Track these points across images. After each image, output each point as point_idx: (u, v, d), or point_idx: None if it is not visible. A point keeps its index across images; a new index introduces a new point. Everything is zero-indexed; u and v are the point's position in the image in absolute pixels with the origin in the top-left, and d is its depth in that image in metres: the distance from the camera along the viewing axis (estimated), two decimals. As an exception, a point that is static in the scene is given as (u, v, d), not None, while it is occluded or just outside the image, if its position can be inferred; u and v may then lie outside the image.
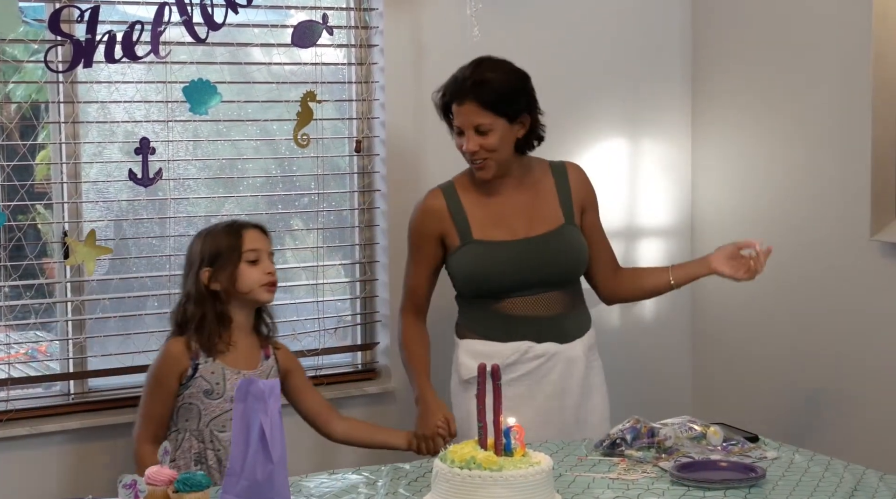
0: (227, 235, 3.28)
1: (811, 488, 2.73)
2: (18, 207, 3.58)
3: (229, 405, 3.15)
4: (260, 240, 3.31)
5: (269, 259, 3.32)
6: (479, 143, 3.33)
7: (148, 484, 2.51)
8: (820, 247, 4.09)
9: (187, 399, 3.21)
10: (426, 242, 3.47)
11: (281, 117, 3.95)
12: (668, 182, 4.61)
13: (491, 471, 2.49)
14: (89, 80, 3.67)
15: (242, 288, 3.25)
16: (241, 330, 3.29)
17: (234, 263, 3.25)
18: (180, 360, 3.22)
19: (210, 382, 3.21)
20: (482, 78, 3.34)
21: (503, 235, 3.41)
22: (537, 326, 3.39)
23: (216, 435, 3.21)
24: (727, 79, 4.45)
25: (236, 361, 3.25)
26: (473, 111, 3.33)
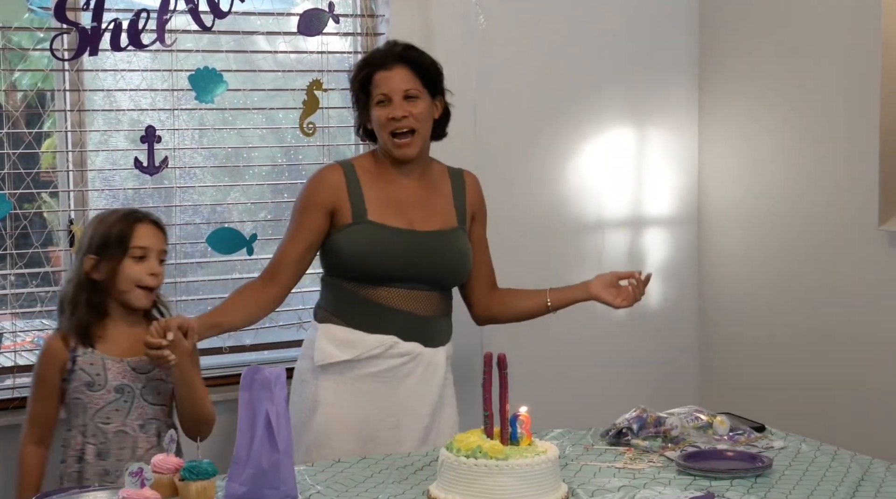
0: (120, 224, 3.10)
1: (818, 478, 2.73)
2: (24, 196, 3.58)
3: (113, 396, 3.07)
4: (152, 237, 3.13)
5: (157, 259, 3.13)
6: (408, 109, 3.24)
7: (154, 472, 2.51)
8: (828, 236, 4.08)
9: (73, 394, 3.08)
10: (314, 212, 3.27)
11: (287, 106, 3.94)
12: (674, 172, 4.60)
13: (497, 460, 2.49)
14: (95, 68, 3.67)
15: (120, 285, 3.08)
16: (122, 320, 3.13)
17: (119, 256, 3.08)
18: (58, 354, 3.09)
19: (90, 373, 3.07)
20: (410, 46, 3.33)
21: (398, 222, 3.27)
22: (406, 322, 3.27)
23: (100, 427, 3.07)
24: (734, 68, 4.44)
25: (118, 349, 3.11)
26: (403, 76, 3.25)
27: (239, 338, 3.87)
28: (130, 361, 3.11)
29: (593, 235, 4.46)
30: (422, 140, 3.30)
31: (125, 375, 3.09)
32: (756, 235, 4.39)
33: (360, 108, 3.35)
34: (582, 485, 2.68)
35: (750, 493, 2.62)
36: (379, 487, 2.71)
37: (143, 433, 3.08)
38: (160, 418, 3.14)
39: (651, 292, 4.53)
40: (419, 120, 3.26)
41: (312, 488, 2.69)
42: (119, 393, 3.08)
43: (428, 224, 3.31)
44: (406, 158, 3.30)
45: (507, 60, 4.20)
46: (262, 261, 3.96)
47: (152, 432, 3.11)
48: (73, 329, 3.10)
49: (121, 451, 3.06)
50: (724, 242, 4.54)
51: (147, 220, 3.15)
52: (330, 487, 2.71)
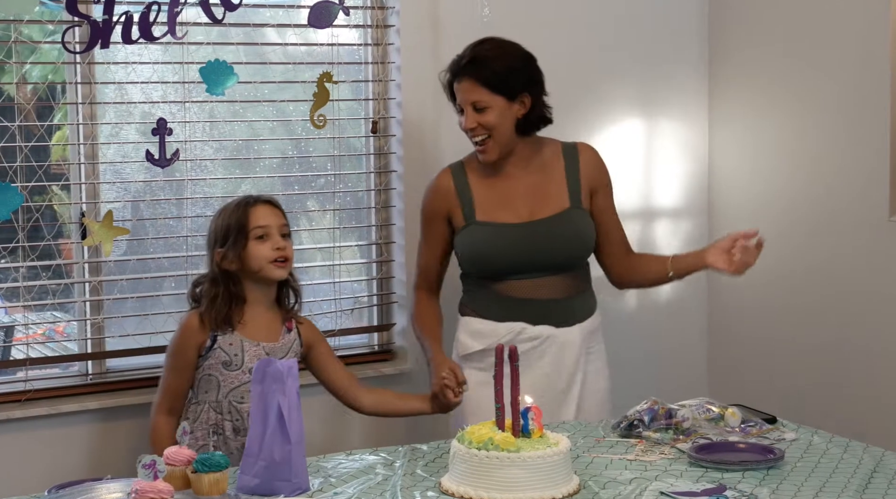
0: (236, 212, 3.26)
1: (830, 470, 2.73)
2: (35, 188, 3.59)
3: (247, 377, 3.16)
4: (269, 215, 3.27)
5: (279, 234, 3.27)
6: (477, 120, 3.33)
7: (167, 464, 2.52)
8: (838, 227, 4.07)
9: (206, 371, 3.23)
10: (435, 221, 3.48)
11: (297, 98, 3.95)
12: (684, 163, 4.59)
13: (508, 452, 2.49)
14: (106, 60, 3.67)
15: (252, 266, 3.23)
16: (259, 305, 3.29)
17: (243, 241, 3.23)
18: (198, 333, 3.23)
19: (229, 353, 3.21)
20: (478, 55, 3.35)
21: (506, 218, 3.40)
22: (534, 309, 3.38)
23: (234, 405, 3.22)
24: (744, 59, 4.43)
25: (256, 333, 3.26)
26: (470, 88, 3.34)
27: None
28: (266, 346, 3.25)
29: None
30: (500, 144, 3.36)
31: (260, 358, 3.16)
32: (766, 226, 4.35)
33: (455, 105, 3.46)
34: (593, 477, 2.68)
35: (762, 485, 2.62)
36: (391, 478, 2.71)
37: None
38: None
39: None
40: (490, 128, 3.34)
41: (325, 480, 2.70)
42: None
43: (537, 212, 3.40)
44: (488, 163, 3.41)
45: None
46: (272, 253, 3.98)
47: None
48: (213, 320, 3.22)
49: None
50: (734, 234, 4.53)
51: (259, 201, 3.29)
52: (342, 478, 2.72)
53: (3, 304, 3.80)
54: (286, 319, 3.35)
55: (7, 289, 3.66)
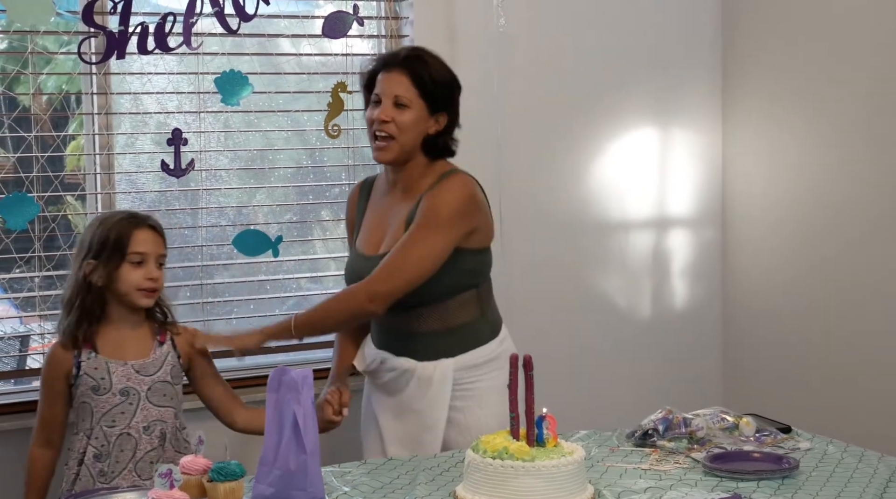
0: (118, 229, 3.10)
1: (845, 480, 2.72)
2: (51, 198, 3.60)
3: (118, 398, 3.07)
4: (150, 242, 3.11)
5: (156, 263, 3.12)
6: (393, 114, 3.15)
7: (183, 473, 2.52)
8: (853, 235, 4.07)
9: (80, 399, 3.09)
10: (350, 232, 3.39)
11: (311, 108, 3.96)
12: (698, 171, 4.59)
13: (523, 461, 2.49)
14: (122, 71, 3.69)
15: (120, 289, 3.09)
16: (123, 323, 3.13)
17: (117, 262, 3.08)
18: (62, 361, 3.10)
19: (95, 377, 3.07)
20: (420, 55, 3.22)
21: (365, 249, 3.24)
22: (395, 339, 3.24)
23: (104, 430, 3.07)
24: (758, 66, 4.43)
25: (122, 353, 3.11)
26: (400, 81, 3.16)
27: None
28: (135, 364, 3.11)
29: (617, 235, 4.46)
30: (400, 149, 3.16)
31: (130, 377, 3.10)
32: (781, 234, 4.38)
33: (365, 106, 3.30)
34: (608, 486, 2.68)
35: (777, 494, 2.62)
36: (405, 488, 2.71)
37: (146, 435, 3.08)
38: (166, 419, 3.13)
39: (676, 293, 4.55)
40: (402, 129, 3.15)
41: (339, 490, 2.70)
42: (124, 396, 3.08)
43: (384, 246, 3.21)
44: (380, 161, 3.23)
45: (528, 62, 4.21)
46: (286, 263, 3.99)
47: (156, 434, 3.10)
48: (67, 331, 3.11)
49: (121, 453, 3.06)
50: (748, 242, 4.53)
51: (145, 224, 3.13)
52: (357, 488, 2.72)
53: (18, 313, 3.81)
54: (160, 331, 3.19)
55: (23, 298, 3.67)
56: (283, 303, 4.03)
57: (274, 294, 4.01)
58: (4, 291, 3.76)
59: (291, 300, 4.03)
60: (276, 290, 4.01)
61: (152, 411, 3.10)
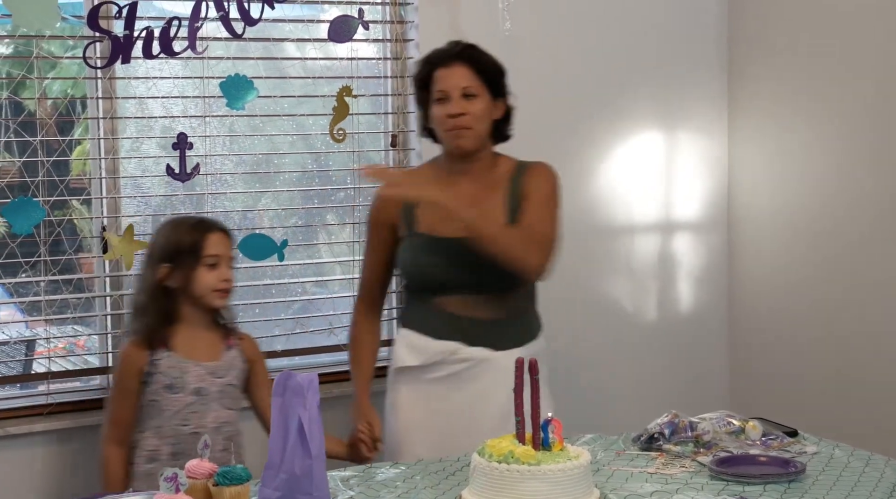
0: (191, 233, 3.21)
1: (851, 484, 2.71)
2: (56, 203, 3.60)
3: (191, 398, 3.16)
4: (222, 245, 3.23)
5: (228, 265, 3.24)
6: (465, 107, 3.23)
7: (188, 477, 2.52)
8: (859, 240, 4.06)
9: (150, 397, 3.16)
10: (379, 229, 3.38)
11: (316, 112, 3.96)
12: (704, 175, 4.59)
13: (529, 465, 2.49)
14: (127, 75, 3.69)
15: (196, 291, 3.19)
16: (196, 325, 3.23)
17: (193, 265, 3.18)
18: (137, 359, 3.17)
19: (170, 376, 3.15)
20: (473, 47, 3.31)
21: (445, 231, 3.24)
22: (470, 329, 3.26)
23: (177, 429, 3.16)
24: (764, 69, 4.43)
25: (196, 353, 3.20)
26: (462, 74, 3.25)
27: (270, 343, 3.88)
28: (208, 366, 3.20)
29: (623, 239, 4.46)
30: (478, 137, 3.28)
31: (203, 378, 3.17)
32: (787, 238, 4.37)
33: (421, 106, 3.37)
34: (614, 490, 2.67)
35: (783, 498, 2.61)
36: (411, 492, 2.71)
37: (217, 436, 3.13)
38: (232, 422, 3.21)
39: (682, 297, 4.54)
40: (476, 118, 3.25)
41: (345, 494, 2.70)
42: (197, 395, 3.17)
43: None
44: (462, 149, 3.28)
45: (534, 65, 4.20)
46: (292, 267, 3.99)
47: (224, 436, 3.17)
48: (143, 334, 3.18)
49: (196, 453, 3.07)
50: (754, 246, 4.52)
51: (216, 228, 3.25)
52: (363, 492, 2.72)
53: (24, 318, 3.82)
54: (226, 336, 3.29)
55: (29, 303, 3.68)
56: (288, 307, 4.03)
57: (279, 298, 4.01)
58: (10, 296, 3.76)
59: (297, 304, 4.03)
60: (282, 294, 4.02)
61: (222, 412, 3.19)
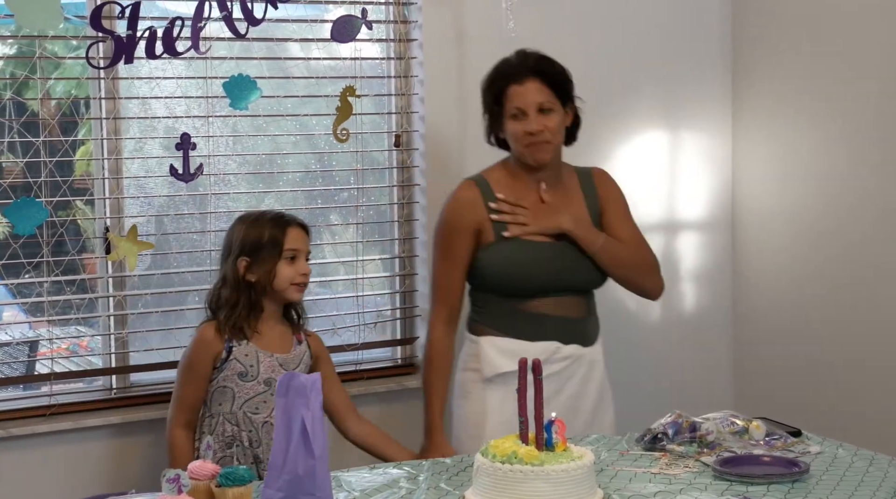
0: (272, 228, 3.29)
1: (855, 484, 2.71)
2: (60, 203, 3.60)
3: (262, 388, 3.23)
4: (301, 239, 3.32)
5: (305, 259, 3.33)
6: (543, 122, 3.29)
7: (191, 478, 2.52)
8: (864, 239, 4.05)
9: (222, 383, 3.24)
10: (462, 236, 3.37)
11: (319, 112, 3.96)
12: (708, 174, 4.58)
13: (532, 466, 2.49)
14: (130, 76, 3.69)
15: (276, 285, 3.27)
16: (272, 318, 3.33)
17: (274, 259, 3.26)
18: (214, 344, 3.25)
19: (244, 364, 3.23)
20: (544, 58, 3.34)
21: (537, 235, 3.36)
22: (564, 328, 3.36)
23: (249, 417, 3.24)
24: (768, 68, 4.42)
25: (270, 344, 3.29)
26: (537, 89, 3.29)
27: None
28: (280, 357, 3.28)
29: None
30: (555, 149, 3.36)
31: (274, 369, 3.24)
32: (791, 238, 4.37)
33: (493, 117, 3.40)
34: (618, 490, 2.67)
35: (787, 498, 2.60)
36: (415, 492, 2.71)
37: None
38: None
39: (686, 296, 4.54)
40: (553, 132, 3.31)
41: (348, 494, 2.70)
42: (267, 386, 3.23)
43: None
44: (542, 163, 3.35)
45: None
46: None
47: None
48: (231, 328, 3.25)
49: (270, 442, 3.10)
50: (758, 246, 4.52)
51: (295, 223, 3.33)
52: (366, 493, 2.71)
53: (27, 318, 3.82)
54: (295, 331, 3.38)
55: (32, 304, 3.68)
56: (291, 307, 4.02)
57: (283, 299, 4.00)
58: (13, 297, 3.76)
59: (300, 305, 4.02)
60: (285, 294, 4.01)
61: None
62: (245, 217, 3.37)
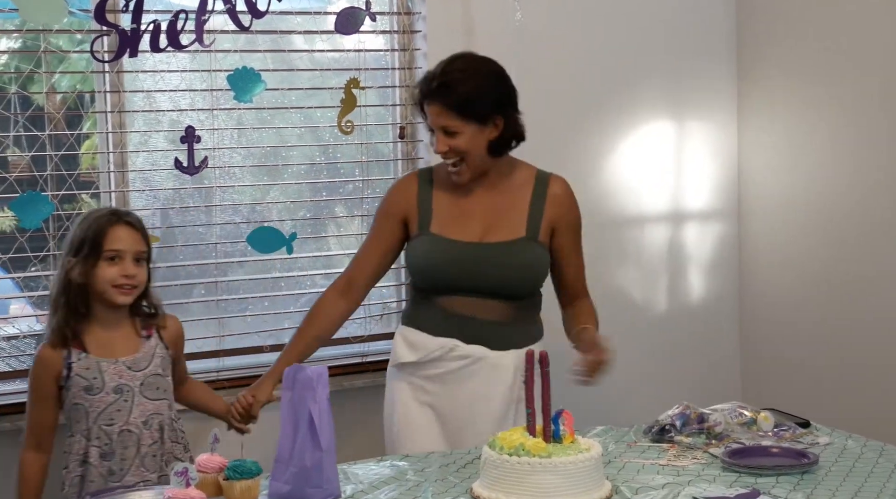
0: (95, 227, 3.07)
1: (864, 474, 2.70)
2: (65, 197, 3.60)
3: (112, 397, 3.06)
4: (125, 239, 3.08)
5: (133, 260, 3.08)
6: (448, 144, 3.21)
7: (199, 471, 2.52)
8: (870, 229, 4.04)
9: (72, 400, 3.06)
10: (387, 220, 3.36)
11: (324, 104, 3.95)
12: (714, 165, 4.57)
13: (540, 458, 2.48)
14: (135, 69, 3.69)
15: (97, 287, 3.06)
16: (107, 320, 3.11)
17: (94, 259, 3.05)
18: (51, 363, 3.07)
19: (87, 378, 3.05)
20: (447, 80, 3.21)
21: (457, 235, 3.28)
22: (471, 328, 3.27)
23: (104, 429, 3.05)
24: (773, 59, 4.41)
25: (110, 351, 3.09)
26: (439, 113, 3.21)
27: (279, 336, 3.88)
28: (125, 361, 3.10)
29: (633, 229, 4.44)
30: (473, 166, 3.25)
31: (122, 374, 3.08)
32: (797, 228, 4.36)
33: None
34: (626, 482, 2.67)
35: (796, 489, 2.60)
36: (422, 485, 2.71)
37: (146, 430, 3.07)
38: (162, 411, 3.12)
39: (692, 287, 4.53)
40: (461, 152, 3.22)
41: (355, 487, 2.69)
42: (118, 393, 3.07)
43: (489, 235, 3.28)
44: (461, 184, 3.30)
45: (544, 55, 4.19)
46: (301, 260, 3.99)
47: (155, 427, 3.10)
48: (54, 331, 3.09)
49: (125, 450, 3.05)
50: (764, 236, 4.51)
51: (121, 221, 3.10)
52: (373, 485, 2.71)
53: (34, 312, 3.82)
54: (145, 325, 3.18)
55: (38, 297, 3.67)
56: (297, 300, 4.03)
57: (288, 291, 4.00)
58: (20, 290, 3.76)
59: (305, 297, 4.02)
60: (291, 287, 4.01)
61: (148, 405, 3.10)
62: (84, 214, 3.20)
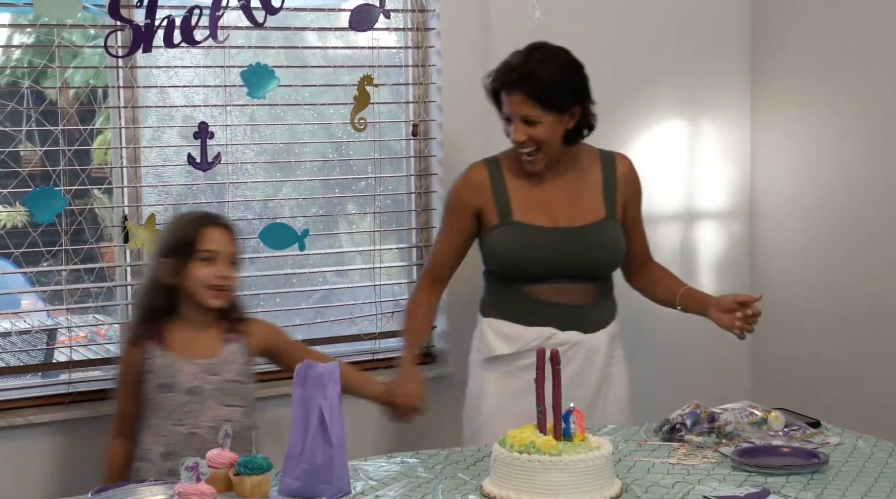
0: (188, 228, 3.16)
1: (875, 475, 2.70)
2: (78, 192, 3.61)
3: (184, 398, 3.10)
4: (221, 241, 3.15)
5: (227, 263, 3.15)
6: (528, 133, 3.28)
7: (209, 467, 2.53)
8: (882, 229, 4.03)
9: (147, 395, 3.13)
10: (462, 213, 3.41)
11: (337, 101, 3.95)
12: (726, 165, 4.56)
13: (550, 456, 2.48)
14: (148, 64, 3.69)
15: (189, 287, 3.12)
16: (193, 321, 3.17)
17: (187, 259, 3.12)
18: (132, 359, 3.15)
19: (163, 375, 3.11)
20: (531, 70, 3.26)
21: (543, 221, 3.35)
22: (562, 314, 3.34)
23: (172, 428, 3.10)
24: (788, 57, 4.40)
25: (191, 351, 3.14)
26: (521, 102, 3.26)
27: (291, 333, 3.88)
28: (203, 363, 3.13)
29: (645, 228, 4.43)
30: (549, 156, 3.31)
31: (197, 377, 3.11)
32: (809, 228, 4.35)
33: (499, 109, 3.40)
34: (636, 481, 2.67)
35: (806, 489, 2.60)
36: (432, 482, 2.71)
37: (213, 435, 3.08)
38: (236, 418, 3.10)
39: (704, 286, 4.51)
40: (540, 141, 3.28)
41: (366, 483, 2.70)
42: (191, 394, 3.10)
43: (574, 219, 3.36)
44: (535, 173, 3.35)
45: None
46: (312, 257, 3.99)
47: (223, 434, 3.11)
48: (140, 330, 3.16)
49: (188, 453, 3.05)
50: (776, 236, 4.50)
51: (215, 223, 3.18)
52: (383, 481, 2.71)
53: (46, 307, 3.83)
54: (230, 330, 3.21)
55: (50, 292, 3.69)
56: (308, 297, 4.03)
57: (300, 288, 4.01)
58: (32, 285, 3.77)
59: (317, 294, 4.03)
60: (302, 283, 4.01)
61: (221, 410, 3.12)
62: (175, 216, 3.28)
